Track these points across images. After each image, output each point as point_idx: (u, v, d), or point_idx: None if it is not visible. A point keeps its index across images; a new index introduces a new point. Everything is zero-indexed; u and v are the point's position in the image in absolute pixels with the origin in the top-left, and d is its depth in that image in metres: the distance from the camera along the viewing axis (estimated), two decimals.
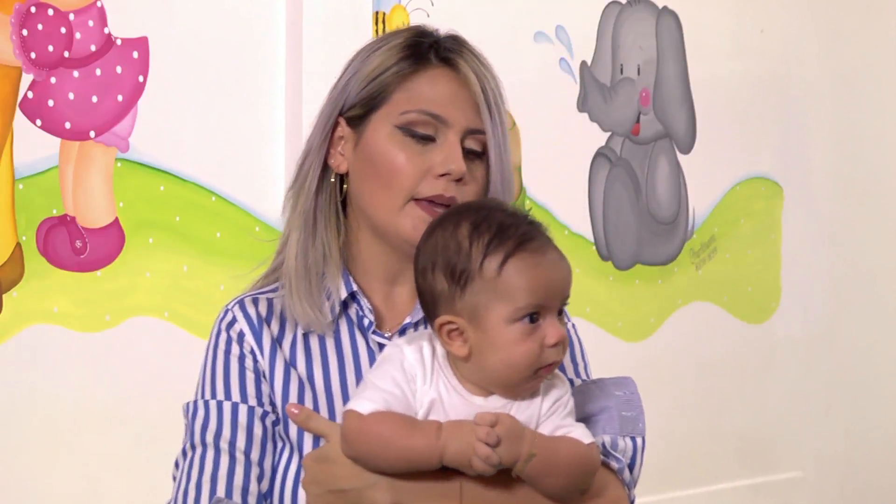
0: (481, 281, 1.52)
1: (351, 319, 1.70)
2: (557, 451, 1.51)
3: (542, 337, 1.51)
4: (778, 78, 4.09)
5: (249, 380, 1.67)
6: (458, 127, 1.65)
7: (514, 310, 1.51)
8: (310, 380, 1.66)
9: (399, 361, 1.54)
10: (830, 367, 4.24)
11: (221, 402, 1.66)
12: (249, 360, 1.68)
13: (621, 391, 1.68)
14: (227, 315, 1.71)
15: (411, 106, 1.66)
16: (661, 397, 3.66)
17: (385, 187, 1.65)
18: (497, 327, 1.51)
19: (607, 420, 1.65)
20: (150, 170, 2.77)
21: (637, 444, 1.65)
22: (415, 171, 1.64)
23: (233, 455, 1.63)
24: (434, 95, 1.66)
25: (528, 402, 1.54)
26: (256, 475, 1.63)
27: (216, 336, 1.71)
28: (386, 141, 1.66)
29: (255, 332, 1.69)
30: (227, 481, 1.61)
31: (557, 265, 1.56)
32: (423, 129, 1.65)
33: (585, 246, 3.60)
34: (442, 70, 1.68)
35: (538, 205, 3.47)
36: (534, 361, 1.50)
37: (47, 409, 2.63)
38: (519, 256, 1.52)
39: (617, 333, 3.67)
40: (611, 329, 3.65)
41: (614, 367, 1.89)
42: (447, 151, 1.64)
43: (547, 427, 1.54)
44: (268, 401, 1.66)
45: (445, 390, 1.53)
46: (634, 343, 3.71)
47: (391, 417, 1.49)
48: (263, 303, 1.72)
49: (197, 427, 1.65)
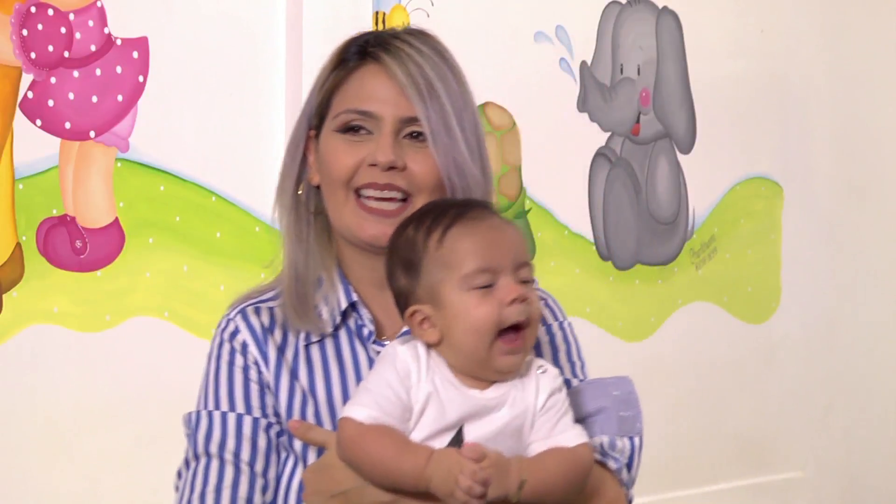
0: (429, 261, 1.56)
1: (351, 329, 1.71)
2: (546, 469, 1.52)
3: (499, 298, 1.53)
4: (778, 78, 4.09)
5: (254, 391, 1.67)
6: (388, 118, 1.67)
7: (462, 276, 1.53)
8: (312, 391, 1.67)
9: (392, 361, 1.56)
10: (830, 367, 4.24)
11: (226, 413, 1.66)
12: (254, 371, 1.68)
13: (619, 391, 1.68)
14: (230, 325, 1.71)
15: (343, 107, 1.70)
16: (661, 397, 3.66)
17: (331, 187, 1.69)
18: (453, 299, 1.54)
19: (605, 420, 1.65)
20: (150, 170, 2.77)
21: (635, 443, 1.66)
22: (351, 162, 1.67)
23: (237, 466, 1.63)
24: (363, 93, 1.69)
25: (523, 393, 1.56)
26: (261, 486, 1.64)
27: (219, 346, 1.71)
28: (329, 145, 1.70)
29: (258, 342, 1.69)
30: (231, 492, 1.62)
31: (499, 228, 1.58)
32: (357, 125, 1.68)
33: (585, 246, 3.60)
34: (370, 67, 1.71)
35: (538, 205, 3.47)
36: (494, 322, 1.52)
37: (47, 409, 2.63)
38: (456, 226, 1.56)
39: (617, 333, 3.67)
40: (611, 329, 3.65)
41: (614, 367, 1.89)
42: (377, 142, 1.66)
43: (537, 431, 1.55)
44: (272, 412, 1.67)
45: (441, 385, 1.54)
46: (634, 343, 3.71)
47: (385, 435, 1.51)
48: (266, 312, 1.72)
49: (200, 438, 1.66)
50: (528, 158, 3.45)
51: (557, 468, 1.52)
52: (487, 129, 3.36)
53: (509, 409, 1.55)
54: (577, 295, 3.55)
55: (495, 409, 1.55)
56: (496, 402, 1.55)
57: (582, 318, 3.53)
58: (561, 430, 1.55)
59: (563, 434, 1.55)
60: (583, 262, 3.59)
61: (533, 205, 3.45)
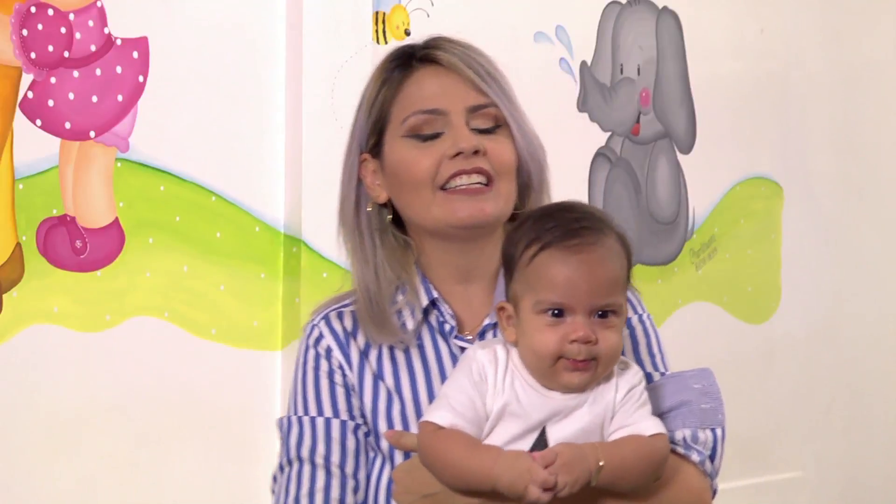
0: (519, 272, 1.58)
1: (432, 326, 1.74)
2: (623, 453, 1.54)
3: (565, 332, 1.54)
4: (778, 78, 4.09)
5: (340, 394, 1.72)
6: (456, 110, 1.69)
7: (536, 301, 1.55)
8: (398, 391, 1.71)
9: (469, 365, 1.58)
10: (831, 367, 4.24)
11: (314, 417, 1.71)
12: (339, 374, 1.72)
13: (699, 383, 1.71)
14: (314, 331, 1.76)
15: (407, 112, 1.71)
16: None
17: (413, 191, 1.70)
18: (526, 317, 1.56)
19: (687, 413, 1.68)
20: (150, 170, 2.77)
21: (717, 434, 1.70)
22: (430, 162, 1.68)
23: (328, 469, 1.69)
24: (424, 93, 1.71)
25: (602, 392, 1.57)
26: (352, 487, 1.69)
27: (304, 353, 1.75)
28: (399, 152, 1.71)
29: (342, 346, 1.73)
30: (324, 495, 1.68)
31: (588, 266, 1.56)
32: (427, 128, 1.70)
33: None
34: (426, 69, 1.73)
35: None
36: (553, 353, 1.53)
37: (48, 409, 2.63)
38: (550, 250, 1.56)
39: None
40: None
41: None
42: (453, 135, 1.68)
43: (616, 421, 1.57)
44: (359, 414, 1.71)
45: (522, 388, 1.56)
46: None
47: (456, 437, 1.54)
48: (348, 317, 1.76)
49: (292, 443, 1.71)
50: None
51: (634, 454, 1.55)
52: None
53: (590, 408, 1.57)
54: None
55: (576, 409, 1.57)
56: (577, 401, 1.57)
57: None
58: (638, 420, 1.58)
59: (641, 423, 1.57)
60: None
61: None
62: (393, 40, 3.13)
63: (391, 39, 3.13)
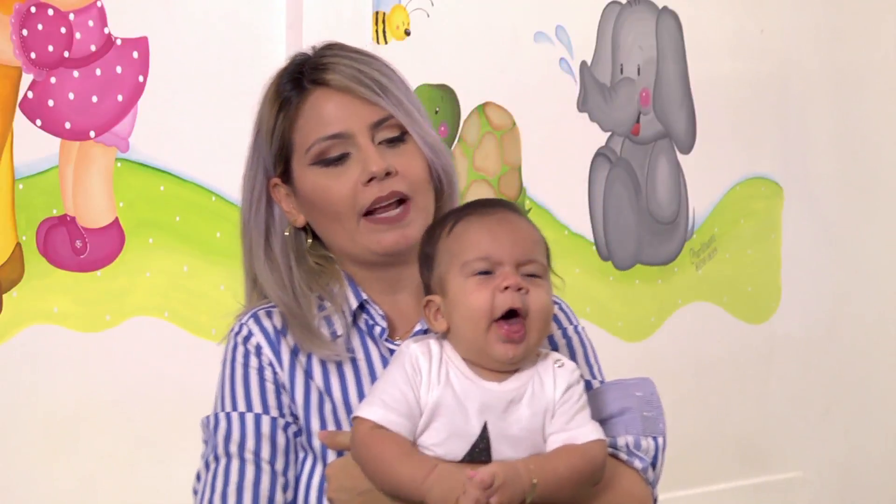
0: (441, 251, 1.58)
1: (362, 329, 1.72)
2: (557, 468, 1.53)
3: (496, 284, 1.54)
4: (778, 78, 4.09)
5: (270, 391, 1.68)
6: (358, 129, 1.68)
7: (463, 263, 1.55)
8: (328, 392, 1.68)
9: (403, 359, 1.57)
10: (830, 368, 4.23)
11: (244, 413, 1.67)
12: (269, 371, 1.69)
13: (641, 392, 1.71)
14: (243, 329, 1.73)
15: (310, 140, 1.70)
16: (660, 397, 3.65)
17: (335, 220, 1.69)
18: (455, 286, 1.56)
19: (630, 420, 1.68)
20: (150, 170, 2.77)
21: (658, 443, 1.70)
22: (345, 190, 1.67)
23: (258, 465, 1.64)
24: (323, 119, 1.69)
25: (541, 390, 1.56)
26: (282, 485, 1.65)
27: (233, 349, 1.72)
28: (310, 181, 1.70)
29: (272, 344, 1.71)
30: (252, 491, 1.63)
31: (509, 221, 1.59)
32: (333, 151, 1.69)
33: (585, 246, 3.60)
34: (319, 91, 1.71)
35: (538, 205, 3.47)
36: (487, 308, 1.53)
37: (47, 409, 2.63)
38: (467, 218, 1.59)
39: (617, 333, 3.67)
40: (611, 329, 3.65)
41: (614, 368, 1.89)
42: (362, 157, 1.67)
43: (556, 423, 1.56)
44: (289, 412, 1.68)
45: (457, 379, 1.55)
46: (634, 343, 3.71)
47: (391, 440, 1.52)
48: (278, 316, 1.73)
49: (220, 439, 1.67)
50: (528, 158, 3.45)
51: (567, 465, 1.53)
52: (487, 129, 3.36)
53: (529, 408, 1.55)
54: (577, 295, 3.53)
55: (514, 403, 1.55)
56: (513, 394, 1.55)
57: (582, 318, 3.51)
58: (576, 425, 1.56)
59: (578, 429, 1.56)
60: (583, 263, 3.59)
61: (533, 205, 3.45)
62: (393, 40, 3.13)
63: (391, 39, 3.13)
